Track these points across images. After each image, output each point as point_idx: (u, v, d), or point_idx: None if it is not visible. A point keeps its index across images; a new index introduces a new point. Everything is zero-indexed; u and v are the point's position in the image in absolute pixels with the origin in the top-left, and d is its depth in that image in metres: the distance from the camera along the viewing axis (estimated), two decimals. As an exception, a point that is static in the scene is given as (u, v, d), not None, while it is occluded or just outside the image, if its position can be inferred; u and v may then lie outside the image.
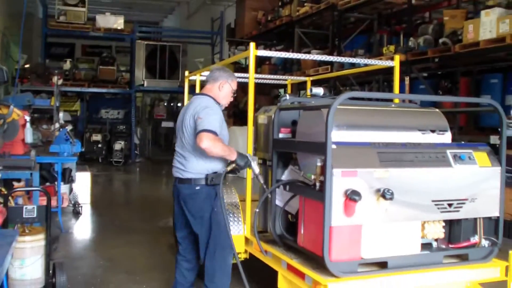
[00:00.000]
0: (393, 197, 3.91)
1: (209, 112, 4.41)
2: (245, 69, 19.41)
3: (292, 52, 15.85)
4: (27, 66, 17.91)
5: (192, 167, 4.55)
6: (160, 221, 8.71)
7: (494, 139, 9.13)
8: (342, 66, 12.42)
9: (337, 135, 4.10)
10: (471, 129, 11.59)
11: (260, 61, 18.18)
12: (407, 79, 11.63)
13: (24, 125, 7.23)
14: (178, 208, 4.79)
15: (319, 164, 4.03)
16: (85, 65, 20.50)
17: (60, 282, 4.95)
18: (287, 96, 5.23)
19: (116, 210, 10.44)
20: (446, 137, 4.64)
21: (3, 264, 3.21)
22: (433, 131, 4.58)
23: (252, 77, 5.26)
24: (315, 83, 15.58)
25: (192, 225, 4.66)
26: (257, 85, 12.18)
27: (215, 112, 4.47)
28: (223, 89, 4.71)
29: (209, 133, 4.25)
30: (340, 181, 3.85)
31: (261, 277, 5.22)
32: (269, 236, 5.02)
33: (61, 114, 10.94)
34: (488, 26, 8.74)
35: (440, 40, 10.06)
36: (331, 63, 12.78)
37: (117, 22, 19.09)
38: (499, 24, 8.50)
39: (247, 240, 5.34)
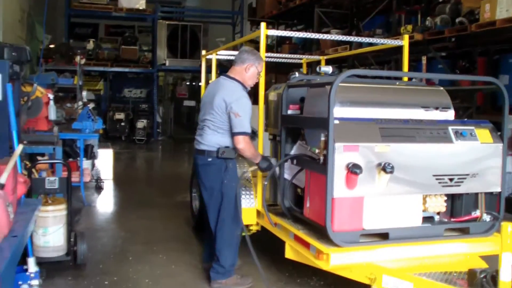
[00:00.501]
0: (393, 171, 4.10)
1: (245, 109, 4.76)
2: (265, 48, 19.53)
3: (312, 32, 16.01)
4: (52, 46, 18.24)
5: (207, 139, 4.89)
6: (178, 196, 8.97)
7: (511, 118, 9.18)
8: (360, 45, 12.47)
9: (340, 111, 4.30)
10: (488, 109, 11.62)
11: (281, 40, 18.32)
12: (424, 58, 11.68)
13: (47, 103, 7.51)
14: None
15: (322, 138, 4.21)
16: (108, 45, 20.75)
17: (80, 250, 5.27)
18: (297, 74, 5.41)
19: (137, 185, 10.76)
20: (449, 114, 4.79)
21: (27, 228, 3.49)
22: (436, 108, 4.74)
23: (263, 55, 5.42)
24: (333, 62, 15.73)
25: (203, 192, 5.01)
26: (277, 64, 12.41)
27: (249, 107, 4.82)
28: (249, 71, 4.96)
29: (246, 136, 4.75)
30: (342, 155, 4.05)
31: (272, 248, 5.44)
32: (279, 209, 5.24)
33: (84, 93, 11.22)
34: (504, 5, 8.75)
35: (457, 20, 10.07)
36: (350, 42, 12.85)
37: (139, 3, 19.26)
38: (515, 4, 8.52)
39: (258, 213, 5.57)
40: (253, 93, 5.66)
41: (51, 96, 7.59)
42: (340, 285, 4.92)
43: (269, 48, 19.20)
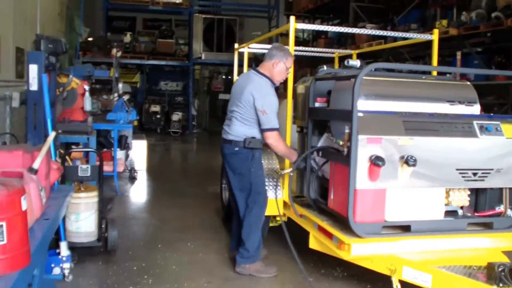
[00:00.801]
0: (416, 164, 4.15)
1: (271, 106, 4.96)
2: (301, 43, 19.56)
3: (347, 26, 16.00)
4: (90, 39, 18.60)
5: (234, 130, 5.10)
6: (210, 187, 9.11)
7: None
8: (395, 40, 12.41)
9: (365, 104, 4.37)
10: (524, 105, 11.45)
11: (317, 35, 18.35)
12: (458, 54, 11.58)
13: (83, 94, 7.73)
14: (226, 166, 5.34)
15: (347, 131, 4.28)
16: (145, 38, 21.01)
17: (111, 236, 5.45)
18: (325, 67, 5.49)
19: (171, 176, 10.95)
20: (475, 109, 4.80)
21: (59, 212, 3.66)
22: (461, 102, 4.76)
23: (292, 50, 5.51)
24: (368, 57, 15.64)
25: (231, 180, 5.22)
26: (312, 59, 12.49)
27: (275, 104, 5.01)
28: (277, 67, 5.10)
29: (274, 131, 4.99)
30: (365, 147, 4.12)
31: (298, 238, 5.49)
32: (305, 200, 5.33)
33: (120, 85, 11.47)
34: (541, 0, 8.65)
35: (493, 14, 9.97)
36: (384, 37, 12.80)
37: (176, -4, 19.51)
38: (551, -2, 8.40)
39: (285, 204, 5.67)
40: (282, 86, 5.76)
41: (86, 87, 7.80)
42: (362, 276, 5.00)
43: (305, 43, 19.29)
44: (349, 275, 5.15)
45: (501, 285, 3.60)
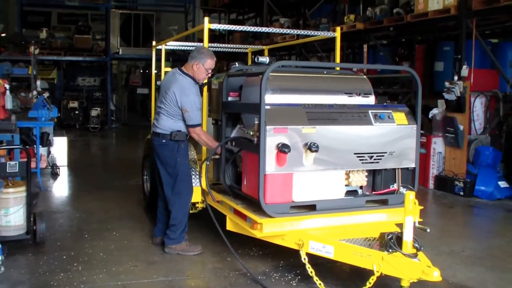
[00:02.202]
0: (318, 150, 4.69)
1: (192, 105, 5.43)
2: (218, 37, 19.96)
3: (262, 20, 16.58)
4: (3, 35, 18.29)
5: (162, 124, 5.59)
6: (132, 180, 9.39)
7: (441, 102, 9.96)
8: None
9: (272, 98, 4.86)
10: (426, 94, 12.35)
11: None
12: (365, 46, 12.35)
13: (4, 93, 7.86)
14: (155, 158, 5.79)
15: (256, 122, 4.76)
16: (61, 34, 20.84)
17: (40, 228, 5.69)
18: (237, 64, 5.96)
19: (92, 171, 11.14)
20: (370, 100, 5.40)
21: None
22: (358, 94, 5.35)
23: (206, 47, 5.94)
24: (282, 50, 16.17)
25: (160, 170, 5.68)
26: (228, 53, 12.89)
27: (197, 102, 5.48)
28: (197, 68, 5.57)
29: (196, 127, 5.49)
30: (272, 136, 4.62)
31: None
32: (222, 187, 5.78)
33: (38, 82, 11.54)
34: (436, -3, 9.45)
35: (394, 10, 10.78)
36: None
37: (92, -9, 19.48)
38: (445, -4, 9.21)
39: (203, 191, 6.09)
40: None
41: (7, 86, 7.94)
42: (276, 254, 5.50)
43: (221, 37, 19.69)
44: (264, 254, 5.64)
45: (390, 250, 4.18)
